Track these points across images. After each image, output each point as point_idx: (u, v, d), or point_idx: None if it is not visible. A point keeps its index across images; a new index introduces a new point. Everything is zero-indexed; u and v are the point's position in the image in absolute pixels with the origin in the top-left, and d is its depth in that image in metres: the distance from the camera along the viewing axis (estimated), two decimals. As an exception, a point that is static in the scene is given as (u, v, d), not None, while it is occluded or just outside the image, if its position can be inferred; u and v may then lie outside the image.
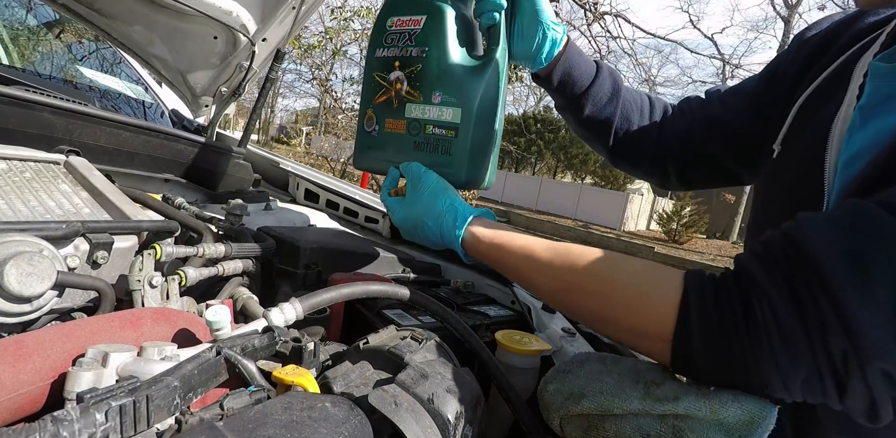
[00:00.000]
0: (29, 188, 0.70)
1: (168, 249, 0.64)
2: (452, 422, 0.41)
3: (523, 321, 0.80)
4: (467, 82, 0.71)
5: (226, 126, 11.69)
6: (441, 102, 0.73)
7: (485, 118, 0.73)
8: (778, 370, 0.40)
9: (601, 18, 7.20)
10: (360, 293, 0.59)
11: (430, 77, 0.73)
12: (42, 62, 1.60)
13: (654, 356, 0.48)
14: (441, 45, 0.72)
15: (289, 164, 1.49)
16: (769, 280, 0.41)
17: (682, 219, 14.59)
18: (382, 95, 0.78)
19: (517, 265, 0.59)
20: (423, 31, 0.73)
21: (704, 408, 0.41)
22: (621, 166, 0.90)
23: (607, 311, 0.50)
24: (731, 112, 0.77)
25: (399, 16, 0.76)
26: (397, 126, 0.76)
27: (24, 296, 0.49)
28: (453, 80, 0.72)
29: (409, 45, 0.75)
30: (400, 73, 0.76)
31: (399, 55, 0.76)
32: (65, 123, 0.90)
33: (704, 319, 0.43)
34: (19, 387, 0.38)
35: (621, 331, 0.50)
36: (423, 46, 0.73)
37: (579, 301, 0.53)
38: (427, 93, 0.73)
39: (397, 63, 0.76)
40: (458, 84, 0.72)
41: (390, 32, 0.76)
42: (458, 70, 0.72)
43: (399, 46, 0.75)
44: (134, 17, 1.28)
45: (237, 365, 0.42)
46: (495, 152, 0.77)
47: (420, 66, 0.74)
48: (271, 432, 0.33)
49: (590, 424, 0.46)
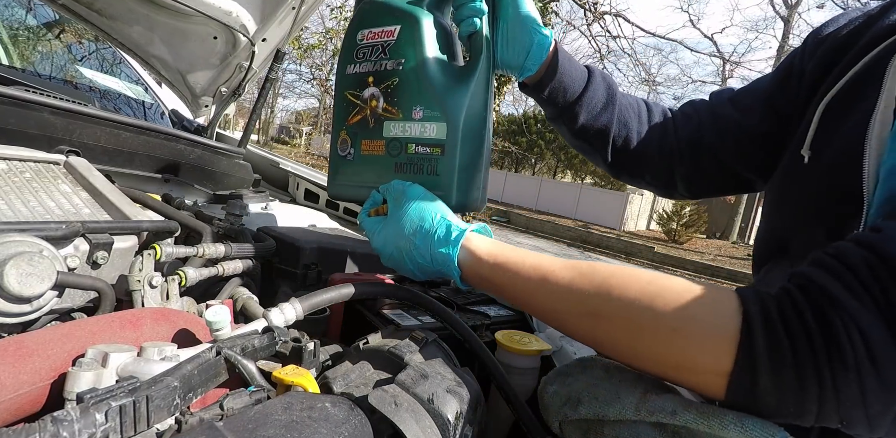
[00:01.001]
0: (29, 189, 0.70)
1: (168, 249, 0.64)
2: (452, 422, 0.41)
3: (523, 321, 0.80)
4: (451, 94, 0.65)
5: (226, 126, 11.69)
6: (423, 117, 0.66)
7: (473, 132, 0.66)
8: (865, 404, 0.34)
9: (601, 18, 7.20)
10: (359, 294, 0.59)
11: (409, 91, 0.66)
12: (42, 62, 1.60)
13: (705, 391, 0.40)
14: (419, 56, 0.66)
15: (289, 164, 1.49)
16: (852, 297, 0.34)
17: (681, 219, 14.59)
18: (356, 114, 0.71)
19: (528, 289, 0.51)
20: (397, 42, 0.67)
21: (703, 427, 0.39)
22: (622, 176, 0.84)
23: (646, 341, 0.42)
24: (744, 114, 0.71)
25: (370, 28, 0.69)
26: (375, 147, 0.69)
27: (24, 296, 0.49)
28: (435, 92, 0.65)
29: (383, 57, 0.68)
30: (375, 89, 0.69)
31: (372, 70, 0.69)
32: (65, 124, 0.90)
33: (773, 347, 0.36)
34: (19, 387, 0.38)
35: (662, 365, 0.42)
36: (398, 58, 0.67)
37: (609, 331, 0.45)
38: (407, 108, 0.67)
39: (371, 79, 0.69)
40: (440, 97, 0.65)
41: (361, 46, 0.70)
42: (439, 82, 0.65)
43: (372, 60, 0.69)
44: (134, 17, 1.28)
45: (237, 365, 0.42)
46: (486, 170, 0.70)
47: (396, 79, 0.67)
48: (271, 432, 0.33)
49: (589, 428, 0.46)
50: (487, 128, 0.69)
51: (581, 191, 17.49)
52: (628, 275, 0.45)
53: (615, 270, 0.47)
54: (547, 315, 0.50)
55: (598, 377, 0.49)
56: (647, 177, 0.82)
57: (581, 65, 0.75)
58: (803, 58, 0.66)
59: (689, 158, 0.76)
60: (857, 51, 0.58)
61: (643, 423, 0.43)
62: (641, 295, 0.43)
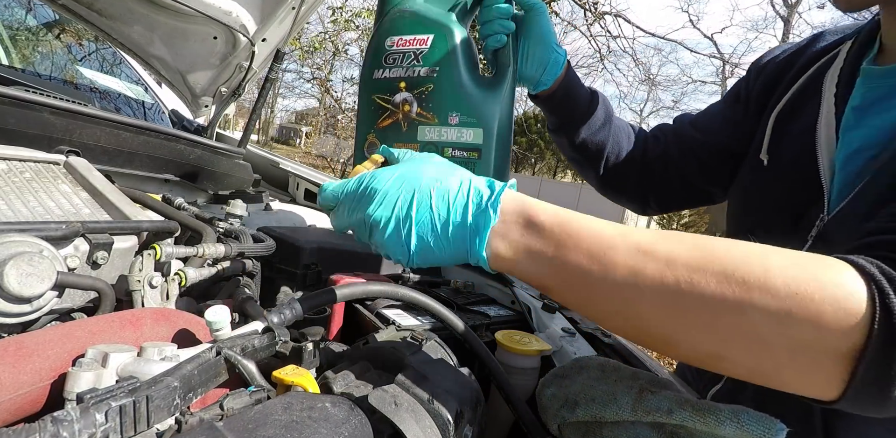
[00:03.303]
0: (29, 189, 0.70)
1: (168, 249, 0.64)
2: (452, 422, 0.41)
3: (523, 321, 0.80)
4: (485, 102, 0.70)
5: (226, 126, 11.69)
6: (459, 123, 0.70)
7: (503, 138, 0.71)
8: None
9: (601, 18, 7.20)
10: (359, 294, 0.59)
11: (445, 98, 0.70)
12: (42, 62, 1.60)
13: (824, 386, 0.34)
14: (454, 65, 0.70)
15: (289, 164, 1.49)
16: None
17: (681, 219, 14.58)
18: (387, 118, 0.74)
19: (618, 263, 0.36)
20: (431, 51, 0.71)
21: (699, 424, 0.39)
22: (608, 192, 0.93)
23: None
24: (704, 133, 0.83)
25: (400, 35, 0.73)
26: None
27: (24, 296, 0.49)
28: (471, 100, 0.70)
29: (416, 64, 0.72)
30: (407, 94, 0.73)
31: (404, 76, 0.72)
32: (64, 124, 0.90)
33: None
34: (19, 388, 0.38)
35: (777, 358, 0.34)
36: (433, 66, 0.71)
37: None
38: (443, 114, 0.71)
39: (403, 84, 0.73)
40: (476, 104, 0.70)
41: (391, 52, 0.73)
42: (473, 90, 0.70)
43: (403, 67, 0.72)
44: (134, 17, 1.28)
45: (237, 365, 0.42)
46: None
47: (431, 86, 0.71)
48: (271, 432, 0.33)
49: (588, 429, 0.46)
50: (512, 134, 0.74)
51: (581, 191, 17.48)
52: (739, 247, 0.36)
53: (723, 242, 0.37)
54: (634, 306, 0.37)
55: (594, 377, 0.49)
56: (629, 193, 0.92)
57: (585, 85, 0.83)
58: (748, 83, 0.80)
59: (659, 175, 0.86)
60: (795, 72, 0.72)
61: (641, 424, 0.43)
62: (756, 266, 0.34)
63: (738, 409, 0.38)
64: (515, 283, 0.90)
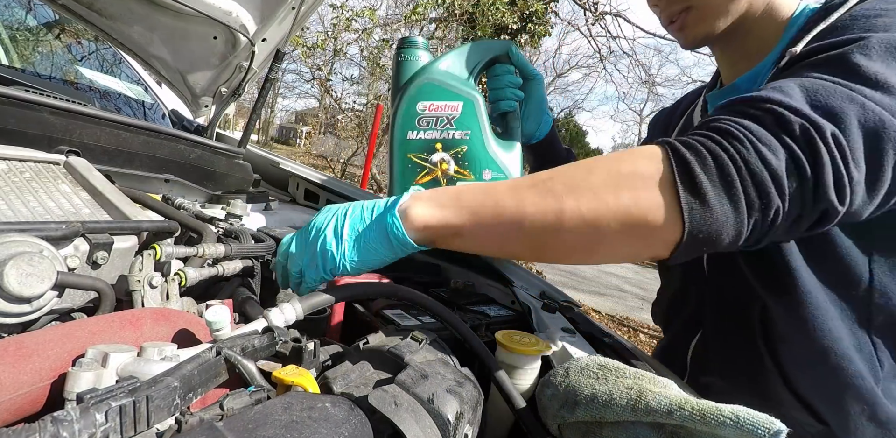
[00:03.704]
0: (29, 189, 0.70)
1: (168, 249, 0.64)
2: (452, 422, 0.41)
3: (523, 321, 0.80)
4: (508, 157, 0.83)
5: (226, 126, 11.69)
6: (492, 177, 0.82)
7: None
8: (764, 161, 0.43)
9: (601, 19, 7.20)
10: (359, 294, 0.59)
11: (478, 156, 0.82)
12: (42, 62, 1.60)
13: (666, 236, 0.45)
14: (482, 128, 0.82)
15: (289, 164, 1.49)
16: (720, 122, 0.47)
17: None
18: (426, 175, 0.84)
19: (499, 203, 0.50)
20: (462, 116, 0.82)
21: (699, 424, 0.39)
22: None
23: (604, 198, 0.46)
24: None
25: (431, 100, 0.83)
26: None
27: (24, 296, 0.49)
28: (498, 157, 0.82)
29: (450, 128, 0.82)
30: (444, 154, 0.83)
31: (440, 138, 0.83)
32: (64, 124, 0.90)
33: (697, 153, 0.45)
34: (19, 388, 0.37)
35: (623, 220, 0.46)
36: (465, 130, 0.82)
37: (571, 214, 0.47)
38: (478, 171, 0.82)
39: (439, 145, 0.83)
40: (502, 160, 0.82)
41: (423, 116, 0.83)
42: (497, 148, 0.83)
43: (438, 130, 0.83)
44: (134, 17, 1.28)
45: (237, 365, 0.42)
46: None
47: (466, 147, 0.82)
48: (271, 432, 0.33)
49: (588, 430, 0.46)
50: None
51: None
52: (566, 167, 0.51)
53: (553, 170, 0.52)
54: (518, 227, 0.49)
55: (594, 377, 0.49)
56: None
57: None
58: (652, 130, 1.02)
59: None
60: (678, 115, 0.93)
61: (641, 424, 0.43)
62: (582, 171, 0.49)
63: (738, 409, 0.38)
64: (515, 283, 0.90)
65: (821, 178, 0.43)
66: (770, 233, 0.45)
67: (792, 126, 0.44)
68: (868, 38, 0.50)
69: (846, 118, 0.45)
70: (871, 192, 0.46)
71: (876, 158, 0.45)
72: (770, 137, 0.44)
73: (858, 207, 0.46)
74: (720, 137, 0.45)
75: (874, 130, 0.45)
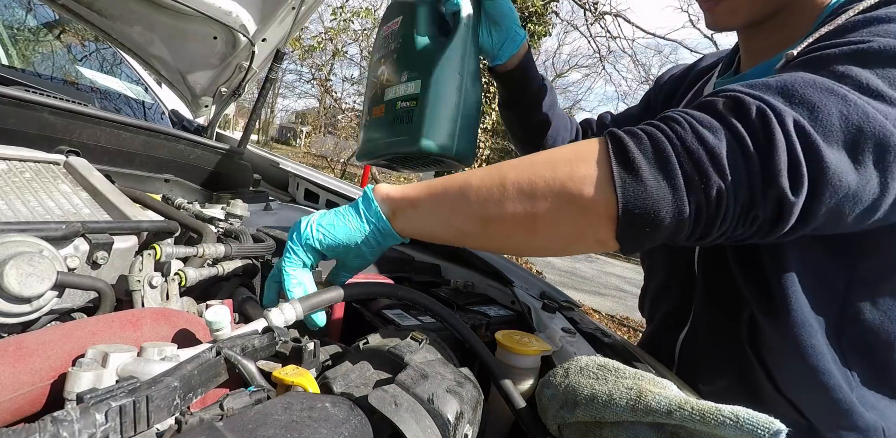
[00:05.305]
0: (29, 189, 0.70)
1: (168, 249, 0.64)
2: (452, 422, 0.41)
3: (523, 321, 0.80)
4: (427, 58, 0.78)
5: (226, 126, 11.69)
6: (407, 79, 0.80)
7: (445, 89, 0.77)
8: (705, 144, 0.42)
9: (601, 19, 7.20)
10: (359, 294, 0.59)
11: (401, 62, 0.81)
12: (42, 63, 1.60)
13: (605, 217, 0.45)
14: (409, 35, 0.81)
15: (289, 164, 1.49)
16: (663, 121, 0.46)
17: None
18: (373, 89, 0.87)
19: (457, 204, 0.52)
20: (399, 29, 0.83)
21: (699, 425, 0.39)
22: None
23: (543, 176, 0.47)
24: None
25: (387, 23, 0.86)
26: (379, 111, 0.84)
27: (24, 296, 0.49)
28: (416, 59, 0.79)
29: (390, 41, 0.84)
30: (384, 66, 0.85)
31: (384, 54, 0.85)
32: (65, 124, 0.90)
33: (635, 137, 0.44)
34: (19, 387, 0.38)
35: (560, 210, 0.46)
36: (398, 40, 0.83)
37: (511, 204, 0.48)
38: (399, 75, 0.81)
39: (382, 60, 0.85)
40: (419, 61, 0.79)
41: (380, 38, 0.88)
42: (421, 51, 0.80)
43: (385, 47, 0.85)
44: (134, 17, 1.28)
45: (237, 365, 0.42)
46: (466, 123, 0.79)
47: (395, 55, 0.83)
48: (271, 432, 0.33)
49: (587, 430, 0.46)
50: (464, 88, 0.79)
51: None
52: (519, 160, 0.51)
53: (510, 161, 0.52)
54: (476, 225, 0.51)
55: (594, 378, 0.49)
56: None
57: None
58: (654, 93, 0.96)
59: None
60: (685, 86, 0.89)
61: (641, 424, 0.43)
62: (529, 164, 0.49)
63: (738, 409, 0.38)
64: (515, 283, 0.90)
65: (771, 160, 0.41)
66: (722, 221, 0.43)
67: (747, 109, 0.42)
68: (870, 41, 0.47)
69: (823, 109, 0.42)
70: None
71: (860, 157, 0.42)
72: (711, 120, 0.43)
73: (836, 206, 0.43)
74: (661, 123, 0.45)
75: (858, 125, 0.42)
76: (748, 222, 0.44)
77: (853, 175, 0.43)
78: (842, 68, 0.46)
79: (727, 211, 0.42)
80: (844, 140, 0.42)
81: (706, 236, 0.45)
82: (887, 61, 0.46)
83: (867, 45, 0.47)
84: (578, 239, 0.48)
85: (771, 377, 0.66)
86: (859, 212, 0.45)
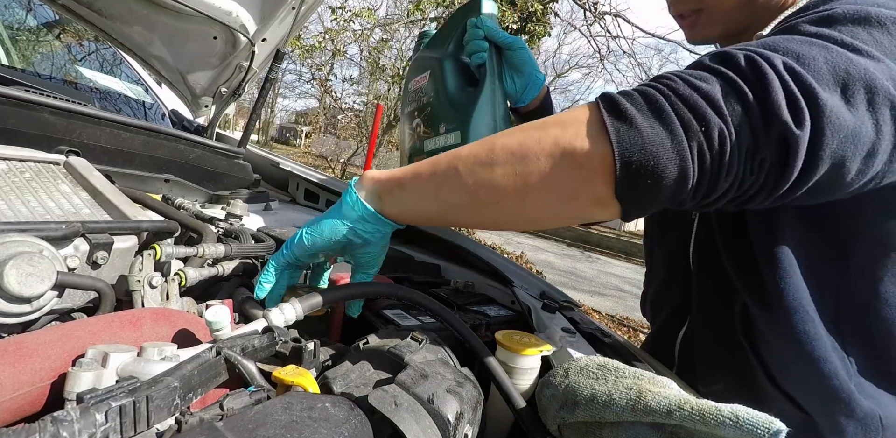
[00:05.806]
0: (29, 189, 0.70)
1: (168, 249, 0.64)
2: (452, 422, 0.41)
3: (523, 321, 0.80)
4: (461, 109, 0.84)
5: (226, 126, 11.69)
6: (446, 130, 0.86)
7: (484, 134, 0.80)
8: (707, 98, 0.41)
9: (601, 19, 7.20)
10: (359, 294, 0.59)
11: (437, 114, 0.88)
12: (42, 62, 1.60)
13: (601, 173, 0.43)
14: (440, 89, 0.87)
15: (289, 164, 1.49)
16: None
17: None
18: (411, 140, 0.94)
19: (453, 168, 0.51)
20: (428, 82, 0.90)
21: (699, 424, 0.39)
22: None
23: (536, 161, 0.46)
24: None
25: (414, 77, 0.94)
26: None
27: (24, 296, 0.49)
28: (451, 111, 0.85)
29: (421, 95, 0.91)
30: (419, 119, 0.92)
31: (417, 107, 0.92)
32: (65, 124, 0.90)
33: (626, 95, 0.44)
34: (19, 388, 0.38)
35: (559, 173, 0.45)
36: (430, 94, 0.89)
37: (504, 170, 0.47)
38: (436, 127, 0.87)
39: (416, 112, 0.93)
40: (455, 113, 0.84)
41: (410, 92, 0.95)
42: (454, 103, 0.85)
43: (416, 100, 0.93)
44: (134, 17, 1.28)
45: (237, 365, 0.42)
46: None
47: (429, 109, 0.89)
48: (271, 432, 0.33)
49: (587, 430, 0.46)
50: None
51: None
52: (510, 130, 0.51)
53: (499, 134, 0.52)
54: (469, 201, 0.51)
55: (594, 377, 0.49)
56: None
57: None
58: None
59: None
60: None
61: (641, 424, 0.43)
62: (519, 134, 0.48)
63: (738, 409, 0.38)
64: (515, 283, 0.90)
65: (768, 97, 0.40)
66: (728, 168, 0.41)
67: (735, 58, 0.42)
68: (832, 9, 0.49)
69: (808, 55, 0.43)
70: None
71: (851, 99, 0.42)
72: (701, 72, 0.43)
73: (838, 149, 0.42)
74: (651, 81, 0.45)
75: (844, 68, 0.42)
76: (756, 167, 0.42)
77: (849, 115, 0.42)
78: (813, 29, 0.48)
79: (731, 156, 0.40)
80: (835, 82, 0.42)
81: (713, 190, 0.42)
82: (853, 22, 0.48)
83: (831, 11, 0.49)
84: (573, 198, 0.45)
85: (766, 368, 0.66)
86: (861, 158, 0.44)
